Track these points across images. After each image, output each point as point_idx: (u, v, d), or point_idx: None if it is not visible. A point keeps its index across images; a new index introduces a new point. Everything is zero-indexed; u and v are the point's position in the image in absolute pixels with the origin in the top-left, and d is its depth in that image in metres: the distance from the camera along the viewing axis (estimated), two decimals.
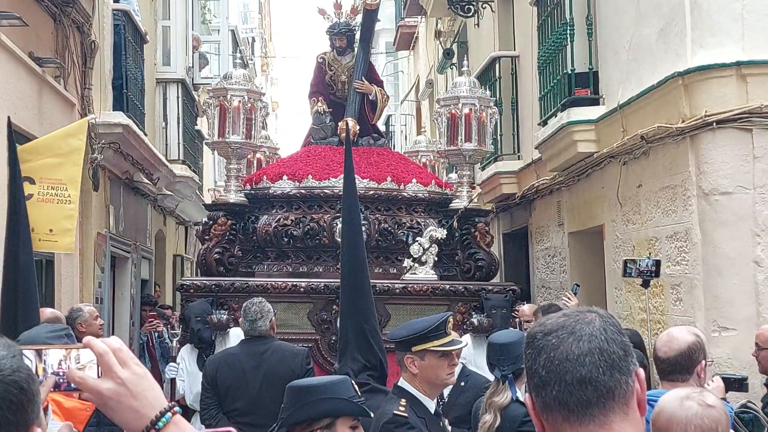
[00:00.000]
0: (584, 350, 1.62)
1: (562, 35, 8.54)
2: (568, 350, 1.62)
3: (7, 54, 6.67)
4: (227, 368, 6.02)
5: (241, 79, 8.59)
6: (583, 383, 1.60)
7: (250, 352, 6.01)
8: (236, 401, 5.91)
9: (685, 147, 6.44)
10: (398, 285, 7.95)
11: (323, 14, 9.29)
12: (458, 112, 8.61)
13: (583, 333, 1.64)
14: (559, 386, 1.61)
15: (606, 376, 1.61)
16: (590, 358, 1.62)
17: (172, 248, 15.75)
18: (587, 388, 1.60)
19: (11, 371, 1.47)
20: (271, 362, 5.90)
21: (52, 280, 8.01)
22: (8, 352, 1.50)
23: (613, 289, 8.05)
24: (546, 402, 1.63)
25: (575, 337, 1.64)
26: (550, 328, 1.67)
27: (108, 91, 9.82)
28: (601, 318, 1.68)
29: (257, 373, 5.86)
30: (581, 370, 1.61)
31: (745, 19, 6.20)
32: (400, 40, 23.58)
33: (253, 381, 5.84)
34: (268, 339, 6.07)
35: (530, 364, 1.67)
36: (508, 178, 11.51)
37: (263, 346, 5.99)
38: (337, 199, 8.33)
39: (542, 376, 1.63)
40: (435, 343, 3.97)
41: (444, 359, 3.99)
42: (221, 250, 8.32)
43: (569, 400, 1.61)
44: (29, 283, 4.30)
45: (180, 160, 13.27)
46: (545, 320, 1.71)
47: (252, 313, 6.09)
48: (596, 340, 1.64)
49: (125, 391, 1.60)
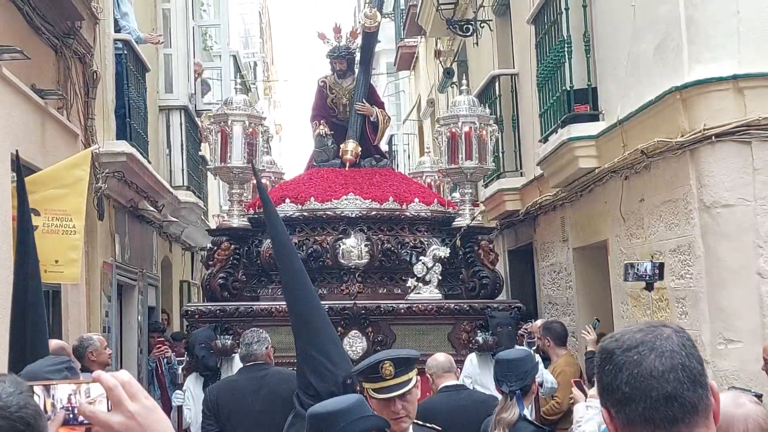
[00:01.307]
0: (668, 366, 1.65)
1: (560, 52, 8.59)
2: (652, 367, 1.65)
3: (9, 87, 6.72)
4: (228, 394, 6.08)
5: (242, 105, 8.66)
6: (669, 400, 1.63)
7: (249, 377, 6.08)
8: (238, 426, 5.96)
9: (686, 161, 6.46)
10: (403, 305, 7.98)
11: (323, 38, 9.36)
12: (458, 131, 8.67)
13: (664, 349, 1.67)
14: (645, 403, 1.64)
15: (690, 392, 1.65)
16: (674, 374, 1.65)
17: (179, 274, 15.76)
18: (673, 404, 1.64)
19: (18, 408, 1.49)
20: (271, 385, 5.96)
21: (59, 310, 8.03)
22: (16, 388, 1.52)
23: (619, 303, 8.06)
24: (630, 418, 1.66)
25: (657, 354, 1.66)
26: (629, 344, 1.69)
27: (111, 120, 9.86)
28: (677, 333, 1.71)
29: (257, 396, 5.92)
30: (667, 386, 1.64)
31: (741, 33, 6.24)
32: (400, 60, 23.66)
33: (253, 405, 5.89)
34: (265, 365, 6.12)
35: (609, 380, 1.68)
36: (511, 195, 11.54)
37: (262, 371, 6.07)
38: (341, 220, 8.38)
39: (626, 392, 1.65)
40: (370, 385, 3.77)
41: (382, 404, 3.70)
42: (225, 275, 8.36)
43: (655, 416, 1.64)
44: (38, 316, 4.32)
45: (184, 186, 13.30)
46: (620, 336, 1.73)
47: (248, 337, 6.20)
48: (678, 356, 1.67)
49: (135, 425, 1.62)
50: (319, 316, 4.12)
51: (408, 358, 3.86)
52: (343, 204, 8.48)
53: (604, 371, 1.71)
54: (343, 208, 8.45)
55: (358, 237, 8.25)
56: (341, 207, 8.47)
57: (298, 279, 4.19)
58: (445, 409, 5.41)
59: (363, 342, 7.79)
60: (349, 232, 8.29)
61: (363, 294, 8.20)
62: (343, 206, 8.46)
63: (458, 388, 5.81)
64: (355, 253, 8.20)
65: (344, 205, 8.46)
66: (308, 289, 4.22)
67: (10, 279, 4.66)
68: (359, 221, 8.38)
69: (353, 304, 7.87)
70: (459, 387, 5.87)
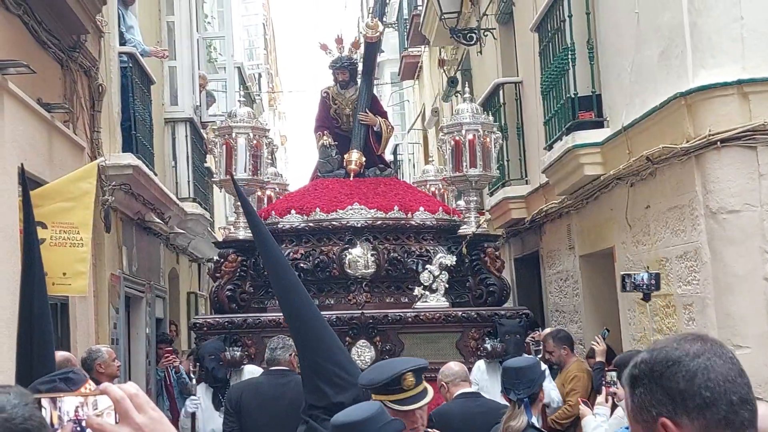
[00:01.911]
0: (736, 372, 1.68)
1: (564, 60, 8.60)
2: (726, 371, 1.67)
3: (15, 101, 6.75)
4: (252, 393, 6.16)
5: (246, 117, 8.69)
6: (745, 403, 1.66)
7: (272, 382, 6.17)
8: (261, 427, 6.01)
9: (691, 167, 6.46)
10: (410, 314, 7.99)
11: (325, 49, 9.38)
12: (462, 139, 8.68)
13: (726, 356, 1.70)
14: (728, 406, 1.65)
15: (752, 396, 1.68)
16: (742, 379, 1.68)
17: (186, 286, 15.78)
18: (747, 407, 1.66)
19: (23, 419, 1.50)
20: (293, 394, 5.88)
21: (67, 323, 8.04)
22: (20, 400, 1.53)
23: (626, 311, 8.05)
24: (710, 423, 1.65)
25: (724, 360, 1.69)
26: (695, 351, 1.70)
27: (117, 133, 9.89)
28: (719, 343, 1.74)
29: (280, 402, 5.95)
30: (741, 390, 1.66)
31: (745, 39, 6.24)
32: (404, 69, 23.72)
33: (276, 409, 5.93)
34: (289, 372, 6.16)
35: (684, 386, 1.67)
36: (516, 203, 11.54)
37: (285, 378, 6.12)
38: (346, 230, 8.39)
39: (706, 397, 1.65)
40: (388, 397, 3.71)
41: (401, 416, 3.65)
42: (233, 287, 8.37)
43: (735, 420, 1.65)
44: (45, 328, 4.32)
45: (191, 198, 13.33)
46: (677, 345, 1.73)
47: (274, 342, 6.34)
48: (737, 363, 1.71)
49: None
50: (324, 326, 4.06)
51: (424, 367, 3.86)
52: (348, 214, 8.50)
53: (674, 378, 1.68)
54: (348, 218, 8.46)
55: (364, 246, 8.25)
56: (347, 217, 8.48)
57: (298, 291, 4.07)
58: (460, 416, 5.43)
59: (371, 351, 7.80)
60: (355, 241, 8.29)
61: (370, 303, 8.21)
62: (349, 216, 8.48)
63: (474, 396, 5.83)
64: (362, 263, 8.21)
65: (350, 215, 8.48)
66: (308, 300, 4.12)
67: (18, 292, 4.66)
68: (365, 231, 8.39)
69: (361, 314, 7.88)
70: (475, 394, 5.88)
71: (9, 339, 5.26)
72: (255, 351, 7.91)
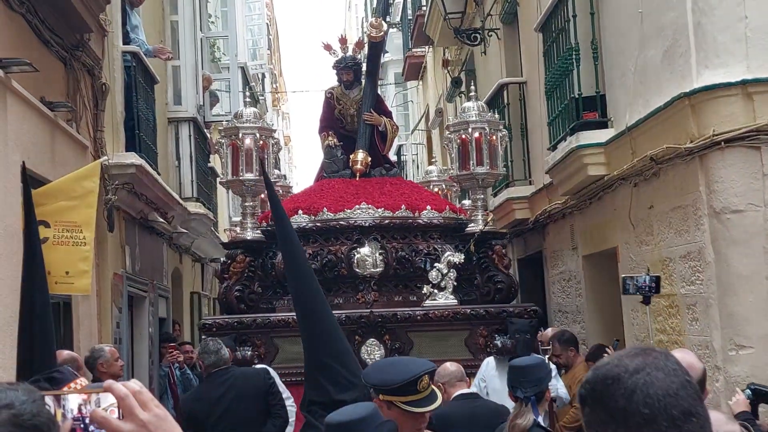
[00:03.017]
0: (678, 385, 1.64)
1: (568, 60, 8.59)
2: (666, 386, 1.64)
3: (18, 100, 6.74)
4: (198, 404, 6.52)
5: (252, 117, 8.69)
6: (689, 416, 1.62)
7: (214, 383, 6.51)
8: (216, 426, 6.36)
9: (695, 167, 6.45)
10: (419, 312, 8.01)
11: (329, 49, 9.38)
12: (468, 137, 8.67)
13: (668, 369, 1.66)
14: (668, 422, 1.62)
15: (701, 408, 1.65)
16: (685, 391, 1.64)
17: (189, 286, 15.78)
18: (692, 420, 1.63)
19: (32, 415, 1.50)
20: (236, 386, 6.40)
21: (70, 322, 8.04)
22: (29, 396, 1.53)
23: (630, 311, 8.03)
24: None
25: (665, 373, 1.65)
26: (634, 367, 1.67)
27: (120, 132, 9.89)
28: (667, 355, 1.72)
29: (225, 399, 6.36)
30: (683, 403, 1.63)
31: (749, 38, 6.23)
32: (408, 70, 23.71)
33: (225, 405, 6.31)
34: (229, 368, 6.60)
35: (622, 404, 1.64)
36: (520, 203, 11.53)
37: (225, 375, 6.49)
38: (354, 229, 8.40)
39: (645, 414, 1.62)
40: (402, 398, 3.59)
41: (410, 417, 3.59)
42: (241, 288, 8.40)
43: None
44: (45, 327, 4.32)
45: (194, 197, 13.33)
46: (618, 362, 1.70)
47: (212, 346, 6.63)
48: (681, 374, 1.67)
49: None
50: (335, 326, 4.08)
51: (435, 370, 3.83)
52: (356, 213, 8.51)
53: (613, 397, 1.66)
54: (356, 217, 8.48)
55: (372, 246, 8.26)
56: (354, 216, 8.50)
57: (312, 288, 4.13)
58: (460, 418, 5.41)
59: (381, 350, 7.83)
60: (363, 241, 8.31)
61: (379, 302, 8.22)
62: (356, 216, 8.49)
63: (473, 397, 5.81)
64: (370, 262, 8.22)
65: (357, 215, 8.49)
66: (322, 298, 4.19)
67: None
68: (373, 230, 8.40)
69: (370, 313, 7.90)
70: (474, 395, 5.87)
71: (11, 338, 5.25)
72: (264, 351, 8.01)
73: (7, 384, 1.56)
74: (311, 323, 4.04)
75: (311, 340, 4.00)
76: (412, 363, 3.84)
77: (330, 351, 3.91)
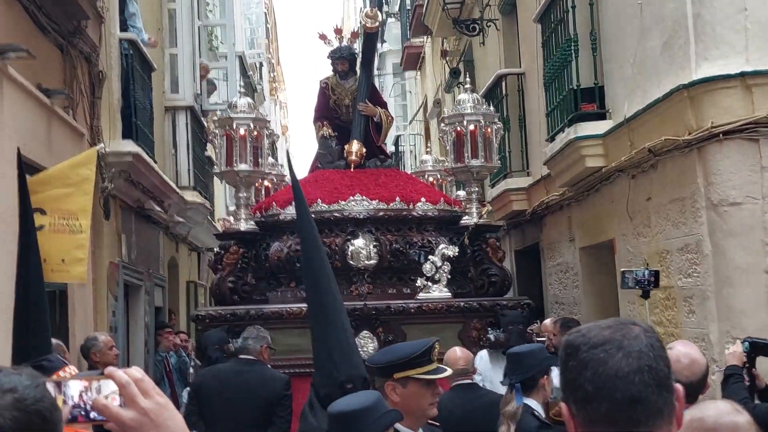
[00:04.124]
0: (634, 368, 1.59)
1: (567, 51, 8.57)
2: (618, 367, 1.59)
3: (15, 86, 6.71)
4: (213, 379, 6.43)
5: (246, 108, 8.65)
6: (633, 402, 1.58)
7: (235, 369, 6.40)
8: (215, 412, 6.25)
9: (693, 159, 6.43)
10: (413, 304, 7.98)
11: (324, 39, 9.34)
12: (463, 129, 8.66)
13: (632, 349, 1.61)
14: (609, 404, 1.58)
15: (655, 396, 1.59)
16: (640, 376, 1.59)
17: (185, 275, 15.77)
18: (637, 407, 1.58)
19: (34, 401, 1.49)
20: (252, 383, 6.26)
21: (65, 310, 8.03)
22: (32, 381, 1.52)
23: (626, 303, 8.03)
24: (592, 418, 1.60)
25: (624, 353, 1.60)
26: (595, 341, 1.63)
27: (117, 120, 9.86)
28: (645, 333, 1.65)
29: (239, 390, 6.21)
30: (632, 388, 1.58)
31: (748, 30, 6.21)
32: (406, 60, 23.68)
33: (234, 395, 6.18)
34: (256, 362, 6.41)
35: (573, 376, 1.63)
36: (517, 194, 11.52)
37: (248, 366, 6.36)
38: (348, 221, 8.37)
39: (589, 391, 1.60)
40: (419, 370, 3.68)
41: (427, 388, 3.70)
42: (235, 279, 8.37)
43: (618, 418, 1.58)
44: (41, 315, 4.31)
45: (191, 186, 13.30)
46: (586, 331, 1.67)
47: (248, 332, 6.56)
48: (645, 358, 1.61)
49: (148, 421, 1.61)
50: (336, 313, 4.07)
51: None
52: (350, 205, 8.48)
53: (568, 367, 1.65)
54: (350, 209, 8.44)
55: (366, 238, 8.24)
56: (348, 208, 8.46)
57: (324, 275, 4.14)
58: (458, 408, 5.40)
59: (374, 342, 7.81)
60: (357, 233, 8.28)
61: (373, 294, 8.20)
62: (351, 207, 8.46)
63: (471, 387, 5.79)
64: (364, 254, 8.19)
65: (351, 207, 8.46)
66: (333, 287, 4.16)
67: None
68: (367, 222, 8.37)
69: (363, 305, 7.87)
70: (472, 385, 5.84)
71: (6, 325, 5.23)
72: None
73: (12, 369, 1.55)
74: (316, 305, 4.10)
75: (312, 325, 4.10)
76: (414, 342, 3.96)
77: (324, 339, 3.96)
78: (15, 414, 1.45)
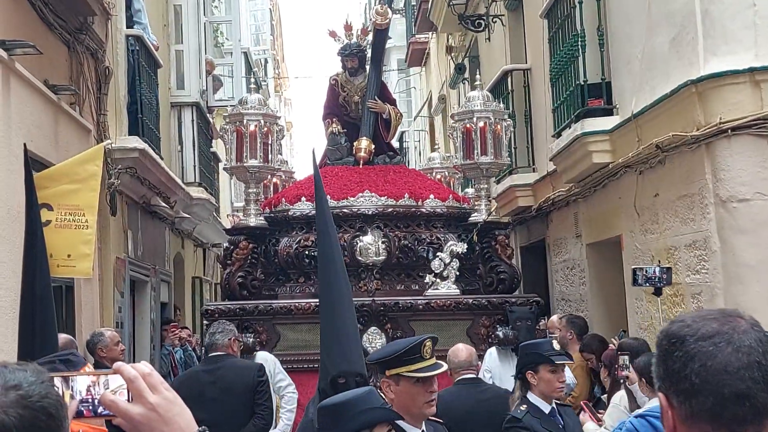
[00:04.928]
0: (744, 363, 1.55)
1: (574, 46, 8.54)
2: (727, 361, 1.55)
3: (22, 82, 6.71)
4: (188, 382, 6.44)
5: (256, 104, 8.67)
6: (740, 398, 1.53)
7: (207, 369, 6.46)
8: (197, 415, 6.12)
9: (701, 155, 6.41)
10: (421, 301, 7.99)
11: (334, 36, 9.34)
12: (473, 126, 8.64)
13: (741, 344, 1.57)
14: (715, 399, 1.54)
15: (764, 393, 1.54)
16: (749, 372, 1.54)
17: (191, 271, 15.77)
18: (745, 404, 1.54)
19: (40, 397, 1.47)
20: (226, 377, 6.32)
21: (72, 305, 8.03)
22: (37, 377, 1.50)
23: (634, 299, 8.00)
24: (695, 412, 1.56)
25: (734, 348, 1.56)
26: (703, 332, 1.59)
27: (123, 116, 9.86)
28: (754, 327, 1.60)
29: (215, 388, 6.25)
30: (740, 384, 1.54)
31: (757, 26, 6.18)
32: (411, 56, 23.64)
33: (210, 394, 6.21)
34: (225, 356, 6.45)
35: (677, 367, 1.58)
36: (523, 191, 11.49)
37: (219, 362, 6.40)
38: (357, 217, 8.37)
39: (695, 383, 1.56)
40: (410, 367, 3.66)
41: (419, 386, 3.66)
42: (244, 274, 8.38)
43: (723, 414, 1.54)
44: (47, 311, 4.30)
45: (196, 182, 13.31)
46: (692, 322, 1.62)
47: (214, 327, 6.60)
48: (755, 353, 1.56)
49: (156, 417, 1.60)
50: (342, 308, 4.03)
51: (437, 339, 3.86)
52: (359, 201, 8.48)
53: (672, 357, 1.60)
54: (359, 205, 8.45)
55: (375, 234, 8.25)
56: (357, 204, 8.47)
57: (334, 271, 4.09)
58: (463, 403, 5.38)
59: (382, 338, 7.82)
60: (366, 229, 8.28)
61: (381, 291, 8.21)
62: (359, 204, 8.46)
63: (476, 382, 5.78)
64: (373, 250, 8.20)
65: (360, 203, 8.47)
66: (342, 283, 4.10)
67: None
68: (376, 218, 8.38)
69: (372, 301, 7.88)
70: (476, 380, 5.83)
71: (13, 321, 5.23)
72: (266, 337, 8.00)
73: (16, 364, 1.53)
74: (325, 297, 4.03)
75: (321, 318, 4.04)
76: (411, 338, 3.94)
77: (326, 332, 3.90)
78: (20, 411, 1.44)
